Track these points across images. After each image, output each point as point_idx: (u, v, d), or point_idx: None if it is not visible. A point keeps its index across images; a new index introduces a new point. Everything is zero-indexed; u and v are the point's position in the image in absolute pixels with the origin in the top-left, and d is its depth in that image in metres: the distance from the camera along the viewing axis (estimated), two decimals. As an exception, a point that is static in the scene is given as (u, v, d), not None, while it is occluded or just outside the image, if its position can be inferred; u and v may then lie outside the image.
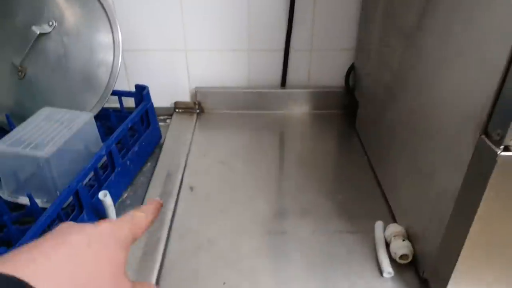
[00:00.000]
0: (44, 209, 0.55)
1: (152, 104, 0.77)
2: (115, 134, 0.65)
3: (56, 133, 0.60)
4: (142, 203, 0.64)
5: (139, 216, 0.33)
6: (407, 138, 0.57)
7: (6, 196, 0.60)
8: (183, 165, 0.74)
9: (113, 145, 0.64)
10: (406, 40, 0.57)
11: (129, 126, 0.69)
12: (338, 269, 0.55)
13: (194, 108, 0.91)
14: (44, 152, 0.56)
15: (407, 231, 0.57)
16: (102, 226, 0.29)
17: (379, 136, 0.71)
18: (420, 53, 0.52)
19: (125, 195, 0.68)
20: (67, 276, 0.25)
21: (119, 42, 0.72)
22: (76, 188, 0.55)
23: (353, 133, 0.85)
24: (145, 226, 0.34)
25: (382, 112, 0.68)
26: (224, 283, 0.52)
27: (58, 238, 0.27)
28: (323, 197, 0.67)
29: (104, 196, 0.56)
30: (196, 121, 0.89)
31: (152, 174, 0.72)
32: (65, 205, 0.57)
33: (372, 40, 0.74)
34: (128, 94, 0.78)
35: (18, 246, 0.33)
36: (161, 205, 0.37)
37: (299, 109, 0.92)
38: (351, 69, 0.87)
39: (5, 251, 0.42)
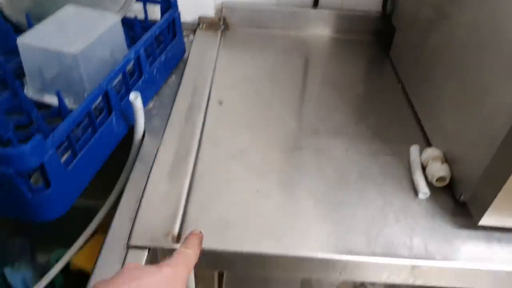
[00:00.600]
0: (71, 110, 0.54)
1: (179, 13, 0.72)
2: (143, 39, 0.61)
3: (83, 32, 0.57)
4: (169, 114, 0.62)
5: (189, 254, 0.37)
6: (458, 58, 0.54)
7: (31, 94, 0.58)
8: (210, 80, 0.71)
9: (142, 50, 0.60)
10: None
11: (157, 33, 0.65)
12: (372, 187, 0.54)
13: (219, 24, 0.87)
14: (73, 48, 0.53)
15: (445, 155, 0.55)
16: (165, 269, 0.34)
17: (419, 60, 0.67)
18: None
19: (151, 104, 0.65)
20: None
21: None
22: (106, 89, 0.53)
23: (386, 60, 0.82)
24: (195, 262, 0.37)
25: (426, 35, 0.64)
26: (258, 191, 0.51)
27: (134, 281, 0.31)
28: (355, 119, 0.65)
29: (135, 98, 0.54)
30: (220, 38, 0.85)
31: (178, 86, 0.69)
32: (93, 105, 0.55)
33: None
34: (154, 0, 0.73)
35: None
36: (202, 238, 0.40)
37: (330, 31, 0.87)
38: (390, -8, 0.82)
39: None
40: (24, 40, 0.54)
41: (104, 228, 0.69)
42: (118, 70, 0.55)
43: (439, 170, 0.53)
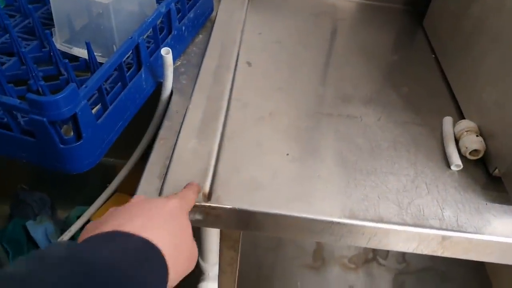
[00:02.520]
0: (100, 63, 0.53)
1: (209, -32, 0.70)
2: (174, -7, 0.59)
3: (114, -18, 0.55)
4: (198, 73, 0.61)
5: (190, 194, 0.41)
6: (502, 28, 0.52)
7: (59, 45, 0.57)
8: (239, 41, 0.69)
9: (172, 5, 0.58)
10: None
11: (187, -13, 0.63)
12: (404, 156, 0.52)
13: (248, -16, 0.84)
14: (105, -2, 0.52)
15: (479, 128, 0.54)
16: (173, 201, 0.37)
17: (458, 31, 0.64)
18: None
19: (179, 62, 0.64)
20: (171, 235, 0.34)
21: None
22: (137, 41, 0.51)
23: (419, 31, 0.79)
24: (194, 202, 0.42)
25: (468, 4, 0.62)
26: (287, 154, 0.50)
27: (147, 212, 0.35)
28: (387, 88, 0.63)
29: (167, 53, 0.52)
30: (248, -1, 0.82)
31: (206, 46, 0.67)
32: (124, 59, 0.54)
33: None
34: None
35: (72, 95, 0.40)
36: (200, 190, 0.44)
37: (361, -3, 0.84)
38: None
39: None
40: (55, -12, 0.52)
41: (124, 186, 0.70)
42: (149, 23, 0.53)
43: (473, 142, 0.52)
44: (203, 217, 0.43)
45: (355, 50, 0.71)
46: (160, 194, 0.44)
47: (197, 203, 0.42)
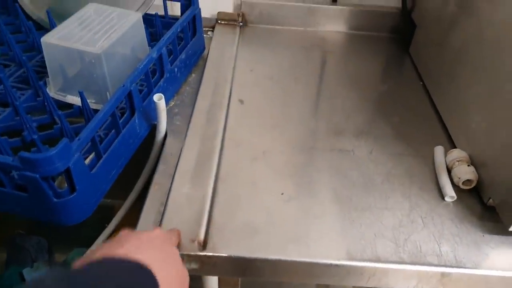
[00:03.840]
0: (94, 110, 0.53)
1: (200, 10, 0.71)
2: (165, 37, 0.60)
3: (106, 31, 0.56)
4: (191, 113, 0.62)
5: (173, 235, 0.43)
6: (487, 58, 0.53)
7: (53, 94, 0.58)
8: (230, 78, 0.70)
9: (164, 48, 0.60)
10: None
11: (178, 31, 0.64)
12: (398, 189, 0.53)
13: (238, 20, 0.86)
14: (97, 48, 0.52)
15: (470, 157, 0.54)
16: (158, 230, 0.40)
17: (442, 59, 0.66)
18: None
19: (172, 103, 0.65)
20: (160, 259, 0.36)
21: None
22: (129, 88, 0.52)
23: (406, 58, 0.80)
24: (177, 242, 0.43)
25: (451, 32, 0.63)
26: (282, 194, 0.50)
27: (137, 240, 0.37)
28: (378, 118, 0.64)
29: (159, 99, 0.53)
30: (239, 34, 0.83)
31: (198, 85, 0.68)
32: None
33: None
34: (174, -3, 0.72)
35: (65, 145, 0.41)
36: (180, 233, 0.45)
37: (349, 28, 0.86)
38: (411, -12, 0.80)
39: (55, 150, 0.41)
40: (48, 40, 0.53)
41: (123, 226, 0.69)
42: (141, 70, 0.54)
43: (465, 173, 0.52)
44: (199, 266, 0.43)
45: (346, 81, 0.72)
46: (156, 242, 0.44)
47: (192, 253, 0.42)
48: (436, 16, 0.69)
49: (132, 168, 0.59)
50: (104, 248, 0.35)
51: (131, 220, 0.65)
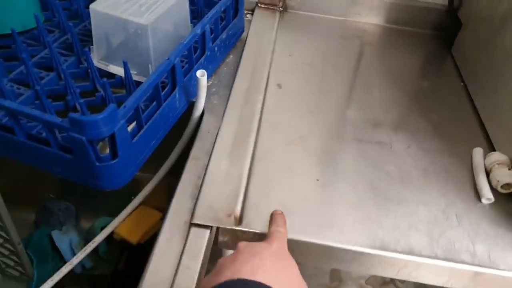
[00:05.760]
0: (135, 81, 0.54)
1: (243, -11, 0.71)
2: (209, 15, 0.60)
3: (151, 4, 0.56)
4: (229, 93, 0.62)
5: (283, 232, 0.42)
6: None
7: (96, 62, 0.58)
8: (269, 62, 0.70)
9: (207, 26, 0.60)
10: None
11: (222, 9, 0.64)
12: (434, 186, 0.52)
13: (278, 5, 0.85)
14: (144, 19, 0.53)
15: (511, 160, 0.53)
16: (276, 243, 0.40)
17: (490, 60, 0.64)
18: None
19: (210, 82, 0.65)
20: (282, 276, 0.36)
21: None
22: (174, 63, 0.52)
23: (447, 57, 0.79)
24: (287, 236, 0.43)
25: (502, 33, 0.61)
26: (318, 180, 0.50)
27: (256, 256, 0.37)
28: (416, 114, 0.63)
29: (202, 76, 0.53)
30: (278, 19, 0.83)
31: (236, 66, 0.68)
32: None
33: None
34: (218, -24, 0.72)
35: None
36: (285, 219, 0.44)
37: (390, 22, 0.84)
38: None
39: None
40: (96, 7, 0.54)
41: (149, 200, 0.70)
42: (185, 45, 0.54)
43: (505, 176, 0.51)
44: (232, 240, 0.44)
45: (384, 74, 0.72)
46: (192, 214, 0.44)
47: (228, 227, 0.43)
48: (486, 15, 0.68)
49: (163, 144, 0.59)
50: (226, 268, 0.35)
51: (158, 195, 0.66)
